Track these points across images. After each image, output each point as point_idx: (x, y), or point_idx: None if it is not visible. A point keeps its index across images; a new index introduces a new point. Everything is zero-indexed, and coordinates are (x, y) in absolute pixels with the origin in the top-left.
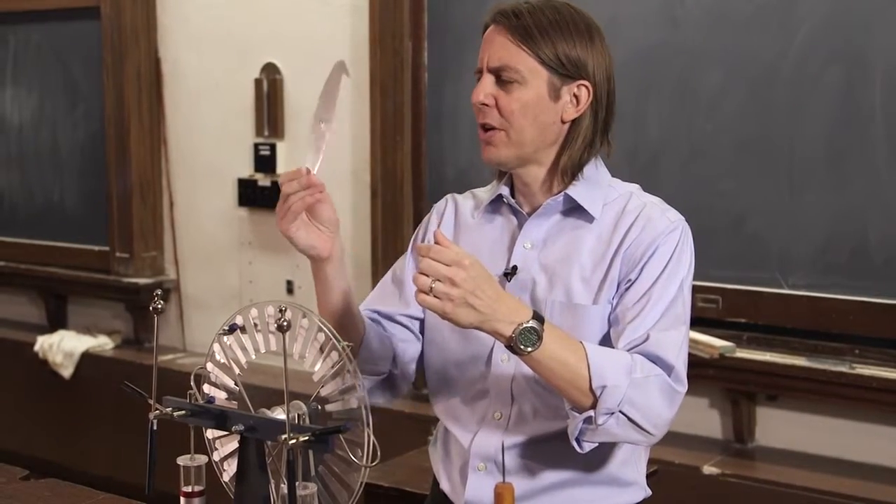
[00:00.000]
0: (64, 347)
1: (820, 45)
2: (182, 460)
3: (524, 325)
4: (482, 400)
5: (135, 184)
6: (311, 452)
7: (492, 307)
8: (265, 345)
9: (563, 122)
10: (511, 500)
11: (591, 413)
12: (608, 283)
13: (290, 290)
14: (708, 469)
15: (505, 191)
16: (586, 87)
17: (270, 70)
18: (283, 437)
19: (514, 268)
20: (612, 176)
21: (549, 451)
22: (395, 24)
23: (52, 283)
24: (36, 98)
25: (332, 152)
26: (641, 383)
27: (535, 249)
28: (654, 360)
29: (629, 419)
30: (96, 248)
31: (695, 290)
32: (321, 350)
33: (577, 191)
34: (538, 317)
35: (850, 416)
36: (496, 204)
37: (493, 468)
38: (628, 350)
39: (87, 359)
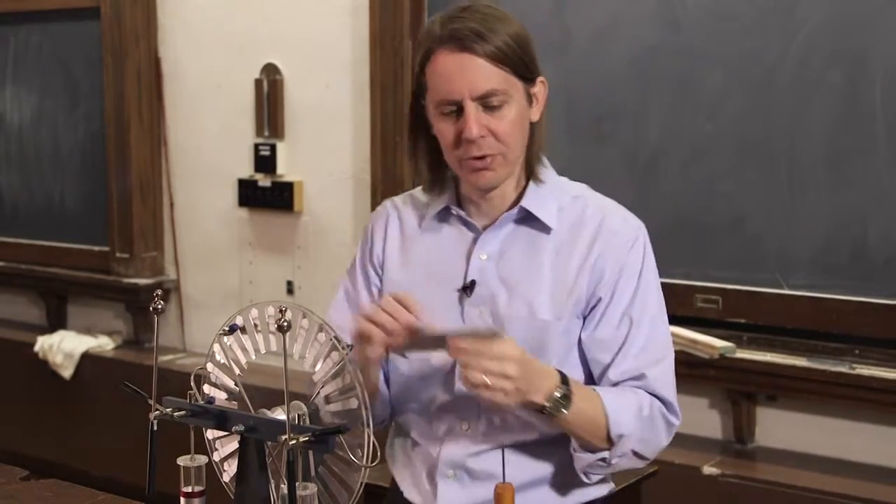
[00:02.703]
0: (64, 348)
1: (820, 46)
2: (182, 460)
3: (556, 395)
4: (449, 413)
5: (135, 184)
6: (311, 453)
7: (529, 383)
8: (265, 345)
9: (530, 123)
10: (511, 500)
11: (606, 455)
12: (574, 298)
13: (290, 291)
14: (708, 469)
15: (452, 203)
16: (543, 82)
17: (270, 70)
18: (283, 437)
19: (473, 282)
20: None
21: (518, 456)
22: (395, 24)
23: (52, 283)
24: (36, 98)
25: (332, 152)
26: (648, 422)
27: (491, 261)
28: (654, 396)
29: (636, 453)
30: (96, 248)
31: (695, 290)
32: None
33: (530, 200)
34: (564, 378)
35: (850, 417)
36: (444, 213)
37: (464, 475)
38: (621, 382)
39: (87, 359)
